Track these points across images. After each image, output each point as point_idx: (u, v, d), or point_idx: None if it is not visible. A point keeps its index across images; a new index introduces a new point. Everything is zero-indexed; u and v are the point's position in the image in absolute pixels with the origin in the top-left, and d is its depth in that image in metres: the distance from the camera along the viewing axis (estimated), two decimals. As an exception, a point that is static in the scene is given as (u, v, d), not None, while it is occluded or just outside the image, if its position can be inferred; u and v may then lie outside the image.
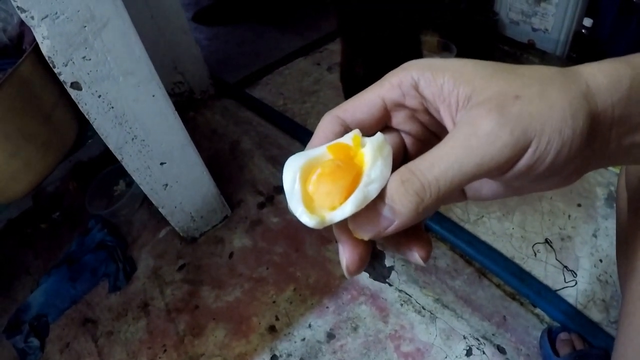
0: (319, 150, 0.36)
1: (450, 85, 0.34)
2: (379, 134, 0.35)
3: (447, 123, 0.36)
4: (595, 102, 0.32)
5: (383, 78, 0.38)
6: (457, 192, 0.43)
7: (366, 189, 0.32)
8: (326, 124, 0.39)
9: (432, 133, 0.41)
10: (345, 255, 0.36)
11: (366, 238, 0.33)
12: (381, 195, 0.32)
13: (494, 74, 0.33)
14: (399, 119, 0.40)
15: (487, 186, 0.40)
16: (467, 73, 0.34)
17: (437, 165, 0.31)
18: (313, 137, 0.38)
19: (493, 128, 0.30)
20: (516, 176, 0.32)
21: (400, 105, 0.38)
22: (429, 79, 0.35)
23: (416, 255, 0.36)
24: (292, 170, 0.35)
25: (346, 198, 0.32)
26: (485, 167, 0.30)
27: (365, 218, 0.32)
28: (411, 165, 0.32)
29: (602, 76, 0.33)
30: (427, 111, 0.38)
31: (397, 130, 0.41)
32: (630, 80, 0.33)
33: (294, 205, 0.33)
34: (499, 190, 0.40)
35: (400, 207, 0.31)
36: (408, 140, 0.42)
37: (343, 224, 0.35)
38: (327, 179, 0.33)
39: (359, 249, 0.36)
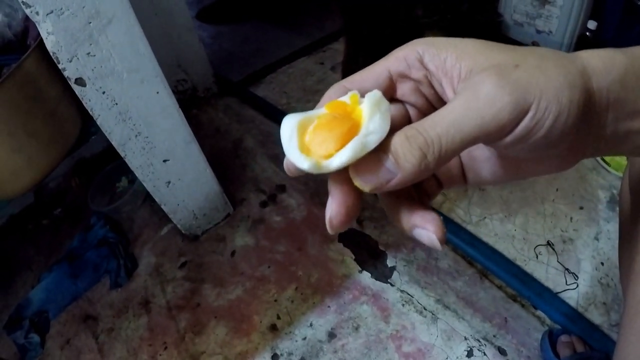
0: (317, 110, 0.36)
1: (452, 59, 0.35)
2: (376, 90, 0.35)
3: (449, 95, 0.37)
4: (590, 81, 0.33)
5: (389, 54, 0.40)
6: (458, 170, 0.44)
7: (365, 139, 0.32)
8: (332, 92, 0.39)
9: (434, 108, 0.41)
10: (332, 206, 0.36)
11: (367, 190, 0.33)
12: (384, 148, 0.33)
13: (494, 49, 0.35)
14: (404, 90, 0.41)
15: (486, 167, 0.41)
16: (469, 49, 0.35)
17: (440, 124, 0.32)
18: (318, 105, 0.39)
19: (493, 89, 0.31)
20: (515, 142, 0.33)
21: (405, 77, 0.39)
22: (433, 53, 0.36)
23: (433, 237, 0.36)
24: (289, 125, 0.35)
25: (342, 146, 0.32)
26: (485, 127, 0.31)
27: (368, 168, 0.33)
28: (415, 124, 0.33)
29: (598, 59, 0.34)
30: (430, 84, 0.39)
31: (401, 102, 0.42)
32: (624, 67, 0.34)
33: (290, 152, 0.34)
34: (498, 172, 0.41)
35: (404, 161, 0.32)
36: (412, 112, 0.42)
37: (338, 176, 0.35)
38: (323, 128, 0.34)
39: (347, 203, 0.36)
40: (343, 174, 0.35)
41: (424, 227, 0.36)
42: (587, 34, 1.86)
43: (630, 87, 0.34)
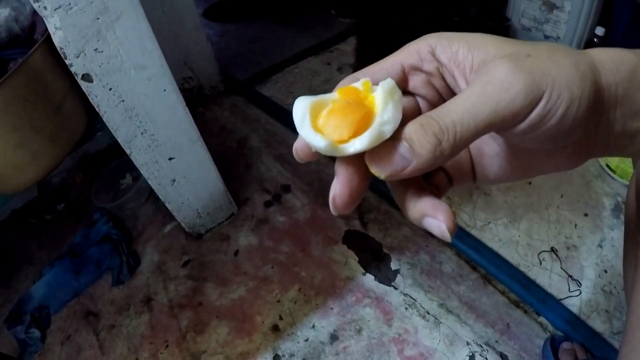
0: (329, 94, 0.36)
1: (465, 51, 0.36)
2: (389, 79, 0.36)
3: (462, 86, 0.37)
4: (599, 76, 0.33)
5: (402, 47, 0.40)
6: (468, 166, 0.43)
7: (381, 128, 0.32)
8: (345, 82, 0.39)
9: (445, 100, 0.41)
10: (337, 185, 0.36)
11: (382, 176, 0.33)
12: (398, 137, 0.33)
13: (505, 41, 0.35)
14: (415, 83, 0.41)
15: (495, 163, 0.42)
16: (481, 41, 0.35)
17: (454, 111, 0.32)
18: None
19: (507, 76, 0.31)
20: (527, 130, 0.33)
21: (417, 69, 0.40)
22: (445, 45, 0.37)
23: (443, 226, 0.35)
24: (302, 106, 0.35)
25: (355, 132, 0.33)
26: (500, 113, 0.31)
27: (384, 155, 0.33)
28: (429, 112, 0.33)
29: (607, 56, 0.34)
30: (442, 77, 0.39)
31: (413, 95, 0.42)
32: (633, 66, 0.34)
33: (304, 131, 0.34)
34: (507, 168, 0.41)
35: (419, 148, 0.32)
36: (423, 105, 0.42)
37: (346, 159, 0.35)
38: (338, 113, 0.34)
39: (352, 183, 0.36)
40: (351, 157, 0.35)
41: (435, 217, 0.36)
42: (595, 39, 1.86)
43: (638, 86, 0.34)
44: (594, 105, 0.32)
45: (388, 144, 0.33)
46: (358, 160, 0.35)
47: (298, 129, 0.34)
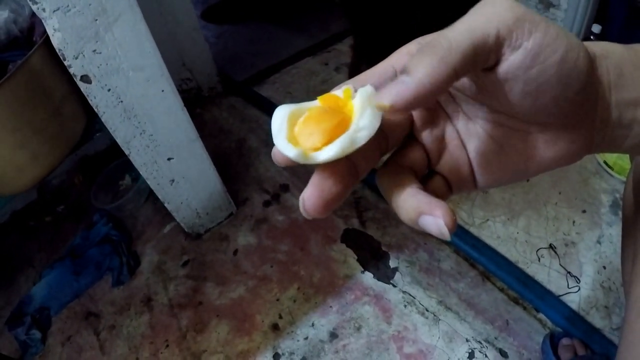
0: (310, 102, 0.37)
1: None
2: (368, 85, 0.35)
3: None
4: (593, 61, 0.33)
5: (393, 53, 0.40)
6: (467, 168, 0.42)
7: (354, 135, 0.32)
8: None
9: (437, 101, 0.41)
10: (307, 189, 0.34)
11: (388, 107, 0.31)
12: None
13: None
14: None
15: (496, 161, 0.40)
16: None
17: (447, 29, 0.31)
18: None
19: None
20: (527, 62, 0.31)
21: None
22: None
23: (441, 223, 0.32)
24: (280, 114, 0.35)
25: (328, 140, 0.32)
26: (494, 22, 0.30)
27: (384, 88, 0.32)
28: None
29: (595, 46, 0.35)
30: None
31: None
32: (621, 54, 0.35)
33: (278, 141, 0.34)
34: (507, 164, 0.40)
35: (415, 68, 0.30)
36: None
37: (323, 166, 0.34)
38: (312, 121, 0.34)
39: (322, 186, 0.34)
40: (328, 165, 0.34)
41: (431, 214, 0.33)
42: (592, 37, 1.86)
43: (627, 74, 0.34)
44: (590, 70, 0.32)
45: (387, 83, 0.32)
46: (332, 165, 0.34)
47: (274, 138, 0.34)
